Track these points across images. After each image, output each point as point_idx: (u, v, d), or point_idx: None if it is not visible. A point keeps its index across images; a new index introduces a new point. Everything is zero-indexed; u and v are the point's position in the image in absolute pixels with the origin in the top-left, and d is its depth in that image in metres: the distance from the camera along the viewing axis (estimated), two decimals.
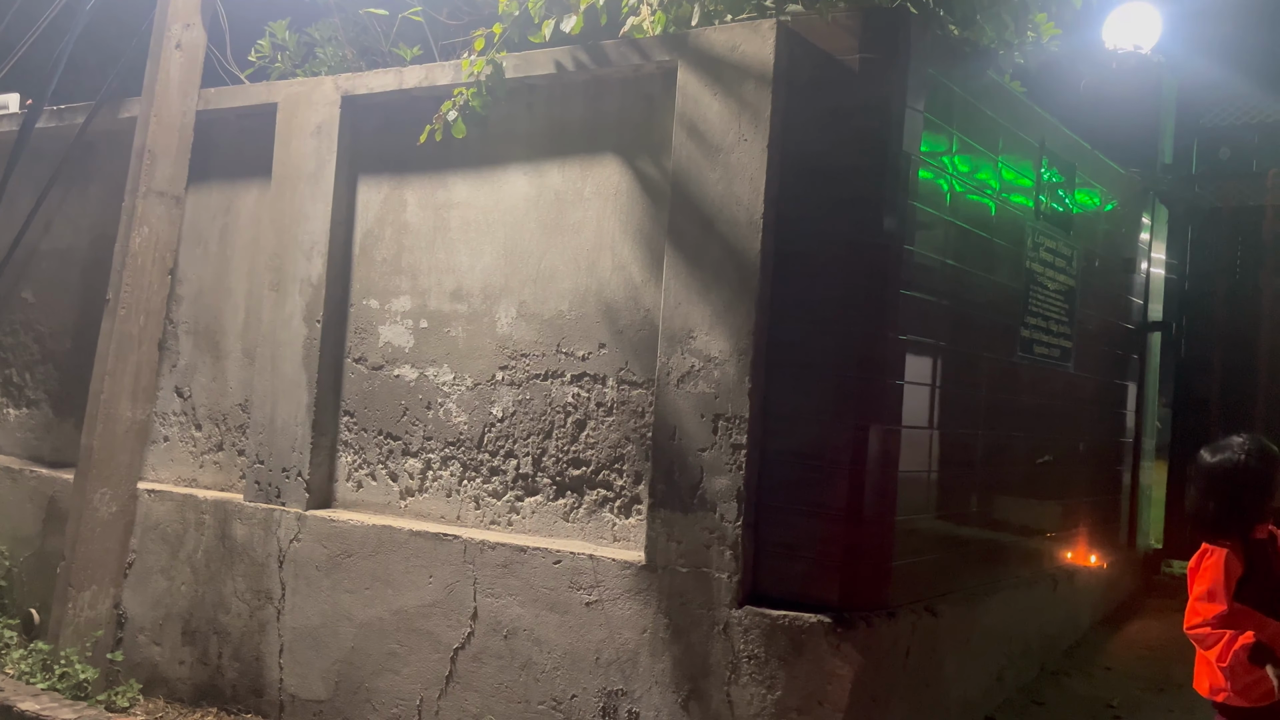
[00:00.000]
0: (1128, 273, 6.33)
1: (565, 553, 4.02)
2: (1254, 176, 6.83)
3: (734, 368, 3.73)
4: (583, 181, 4.24)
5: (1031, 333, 4.89)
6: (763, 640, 3.60)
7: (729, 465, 3.72)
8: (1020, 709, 4.53)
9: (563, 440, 4.22)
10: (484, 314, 4.45)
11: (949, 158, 4.10)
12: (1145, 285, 6.67)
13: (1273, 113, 6.93)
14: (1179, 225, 7.15)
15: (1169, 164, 7.08)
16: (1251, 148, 6.94)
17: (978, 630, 4.38)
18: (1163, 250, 7.04)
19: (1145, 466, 6.92)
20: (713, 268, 3.80)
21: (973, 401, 4.42)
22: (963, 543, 4.39)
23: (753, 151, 3.74)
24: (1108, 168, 5.91)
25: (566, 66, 4.21)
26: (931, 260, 4.00)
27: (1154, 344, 6.91)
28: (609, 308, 4.14)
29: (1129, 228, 6.38)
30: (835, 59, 3.72)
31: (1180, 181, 6.99)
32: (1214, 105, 7.11)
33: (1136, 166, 6.49)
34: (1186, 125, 7.16)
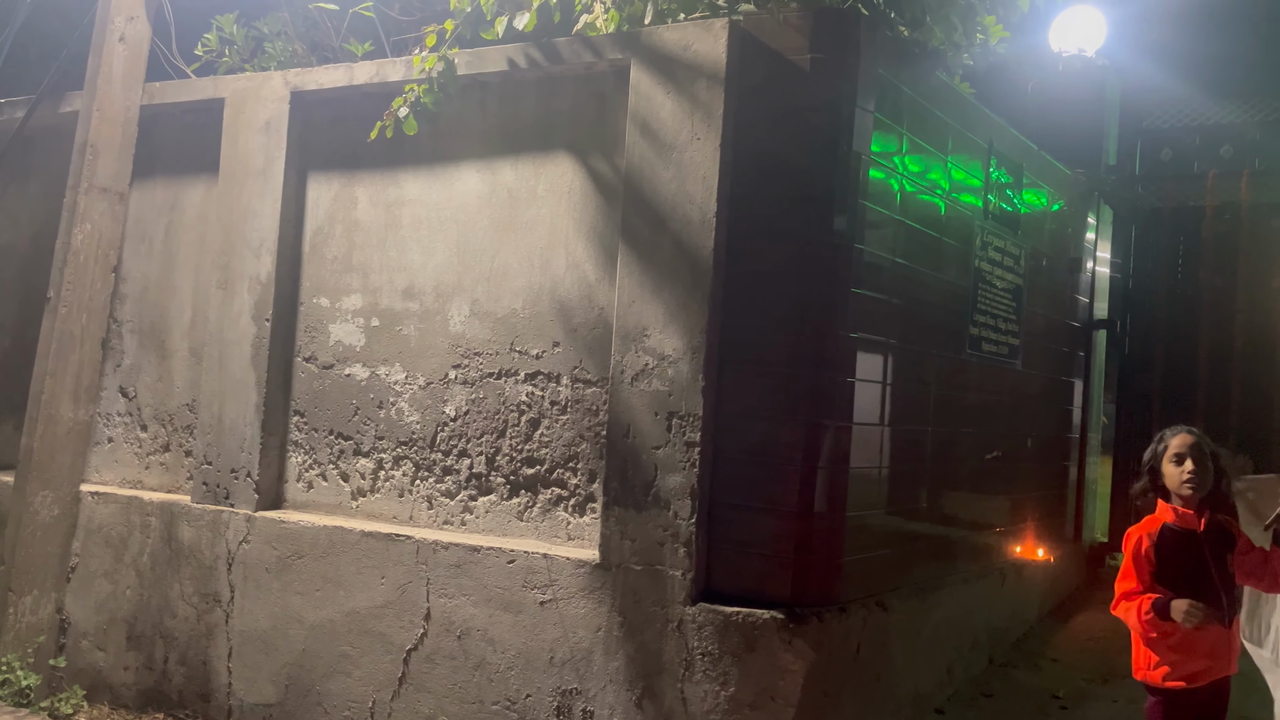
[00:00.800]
0: (1073, 271, 6.45)
1: (519, 552, 4.00)
2: (1195, 178, 6.99)
3: (687, 366, 3.75)
4: (536, 179, 4.23)
5: (980, 330, 4.97)
6: (716, 637, 3.62)
7: (683, 463, 3.73)
8: (969, 701, 4.60)
9: (516, 439, 4.20)
10: (436, 312, 4.42)
11: (899, 157, 4.15)
12: (1091, 284, 6.80)
13: (1212, 115, 7.11)
14: (1123, 225, 7.30)
15: (1113, 165, 7.23)
16: (1192, 149, 7.10)
17: (928, 624, 4.44)
18: (1107, 249, 7.18)
19: (1091, 461, 7.06)
20: (666, 266, 3.81)
21: (922, 398, 4.48)
22: (913, 538, 4.45)
23: (705, 150, 3.76)
24: (1054, 168, 6.01)
25: (519, 64, 4.19)
26: (882, 259, 4.05)
27: (1099, 341, 7.05)
28: (563, 306, 4.13)
29: (1075, 227, 6.50)
30: (786, 59, 3.74)
31: (1124, 182, 7.14)
32: (1156, 108, 7.27)
33: (1082, 167, 6.62)
34: (1130, 127, 7.32)
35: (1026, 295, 5.52)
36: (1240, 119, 7.03)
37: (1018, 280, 5.40)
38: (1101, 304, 7.04)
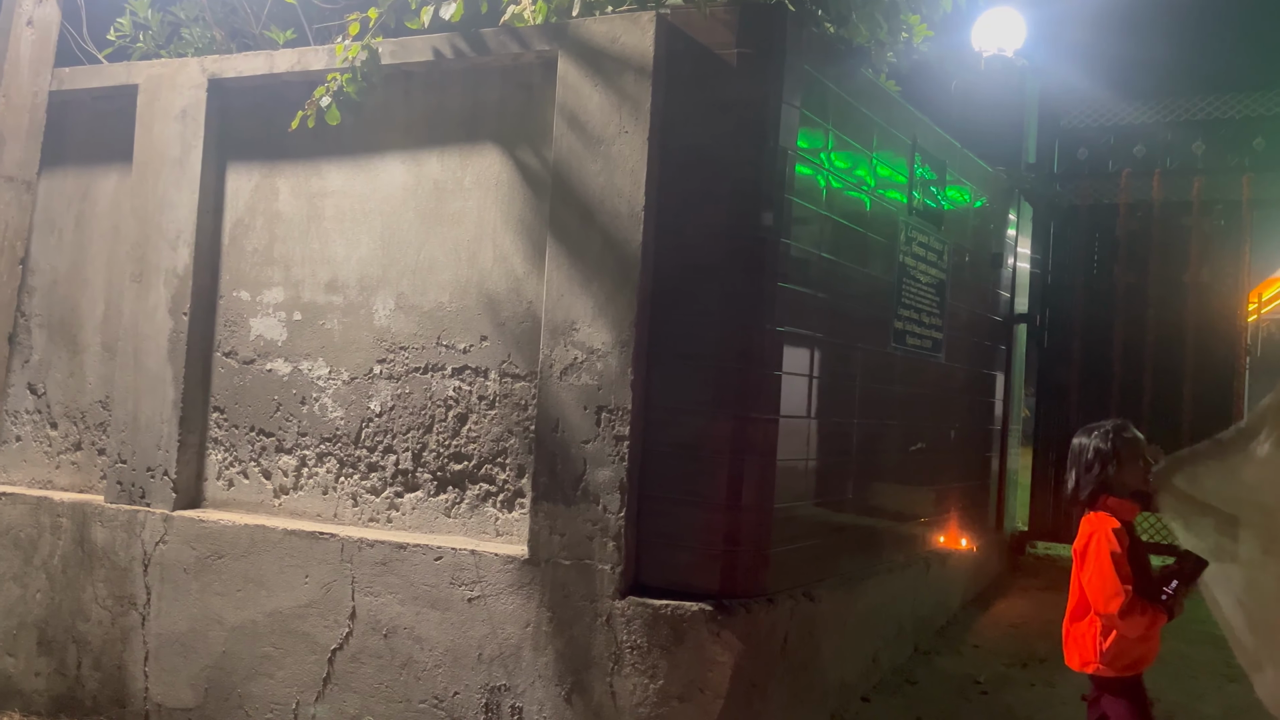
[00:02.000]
0: (995, 267, 6.61)
1: (446, 549, 3.96)
2: (1109, 176, 7.22)
3: (616, 359, 3.74)
4: (463, 171, 4.17)
5: (904, 324, 5.05)
6: (645, 630, 3.62)
7: (612, 457, 3.73)
8: (894, 689, 4.68)
9: (444, 435, 4.15)
10: (361, 306, 4.34)
11: (825, 154, 4.20)
12: (1012, 279, 6.97)
13: (1126, 116, 7.35)
14: (1042, 221, 7.50)
15: (1032, 163, 7.42)
16: (1107, 149, 7.34)
17: (854, 614, 4.51)
18: (1028, 245, 7.38)
19: (1012, 452, 7.25)
20: (595, 259, 3.79)
21: (848, 391, 4.54)
22: (840, 529, 4.51)
23: (633, 144, 3.75)
24: (976, 166, 6.15)
25: (445, 54, 4.14)
26: (808, 254, 4.09)
27: (1020, 335, 7.24)
28: (491, 299, 4.09)
29: (996, 224, 6.65)
30: (714, 53, 3.75)
31: (1042, 180, 7.33)
32: (1073, 108, 7.49)
33: (1003, 165, 6.78)
34: (1048, 126, 7.53)
35: (949, 290, 5.63)
36: (1152, 119, 7.27)
37: (941, 275, 5.51)
38: (1022, 299, 7.23)
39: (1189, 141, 7.12)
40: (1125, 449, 3.11)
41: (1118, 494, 3.09)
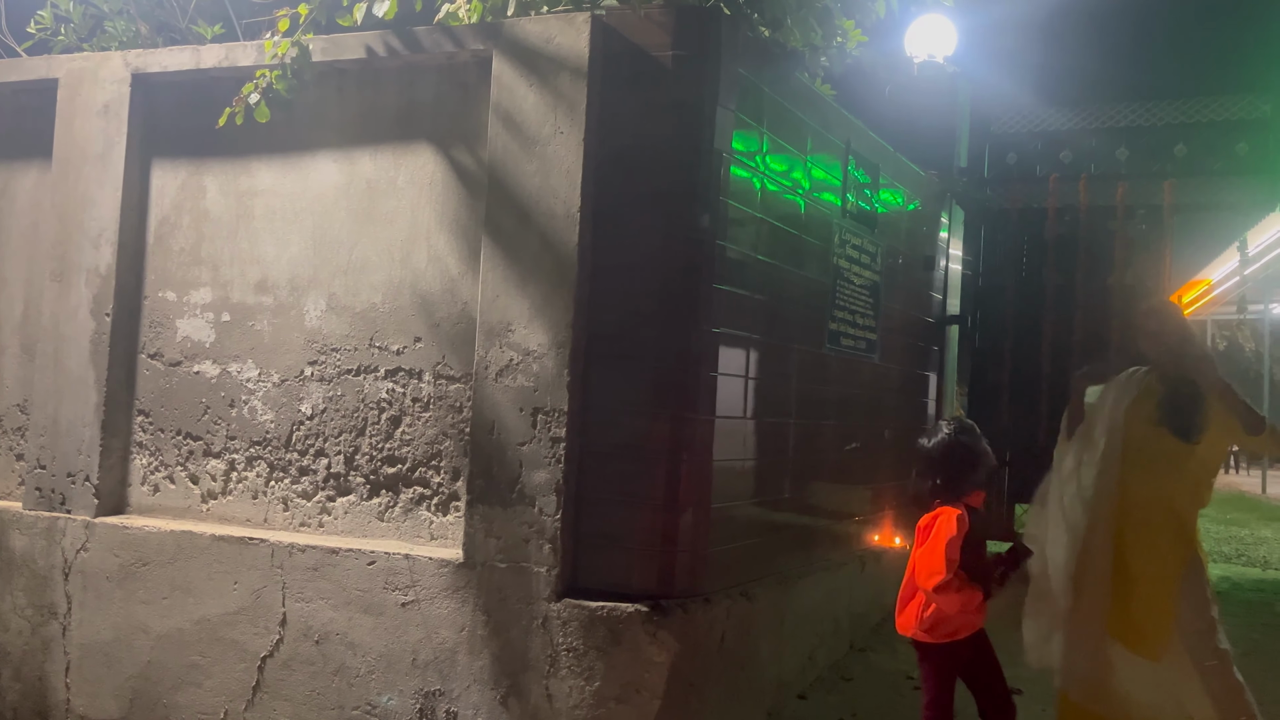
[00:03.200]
0: (928, 269, 6.72)
1: (380, 553, 3.90)
2: (1038, 181, 7.40)
3: (553, 361, 3.72)
4: (396, 170, 4.12)
5: (839, 325, 5.12)
6: (581, 632, 3.61)
7: (548, 459, 3.71)
8: (831, 686, 4.73)
9: (377, 437, 4.09)
10: (291, 306, 4.26)
11: (760, 156, 4.23)
12: (944, 281, 7.10)
13: (1053, 122, 7.53)
14: (973, 225, 7.66)
15: (964, 167, 7.57)
16: (1035, 154, 7.51)
17: (791, 612, 4.55)
18: (960, 248, 7.52)
19: None
20: (531, 260, 3.77)
21: (784, 391, 4.58)
22: (776, 528, 4.55)
23: (569, 144, 3.74)
24: (909, 170, 6.25)
25: (378, 51, 4.08)
26: (744, 255, 4.11)
27: (952, 336, 7.38)
28: (425, 300, 4.05)
29: (929, 226, 6.77)
30: (649, 55, 3.76)
31: (973, 184, 7.49)
32: (1003, 113, 7.66)
33: (935, 169, 6.90)
34: (979, 131, 7.69)
35: (883, 292, 5.71)
36: (1078, 126, 7.47)
37: (875, 277, 5.59)
38: (954, 300, 7.36)
39: (1113, 148, 7.33)
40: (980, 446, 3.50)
41: (974, 484, 3.44)
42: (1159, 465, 3.54)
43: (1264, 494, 14.43)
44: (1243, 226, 8.01)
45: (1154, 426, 3.56)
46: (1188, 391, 3.53)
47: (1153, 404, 3.60)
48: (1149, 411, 3.59)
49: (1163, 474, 3.54)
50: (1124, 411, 3.65)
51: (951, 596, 3.27)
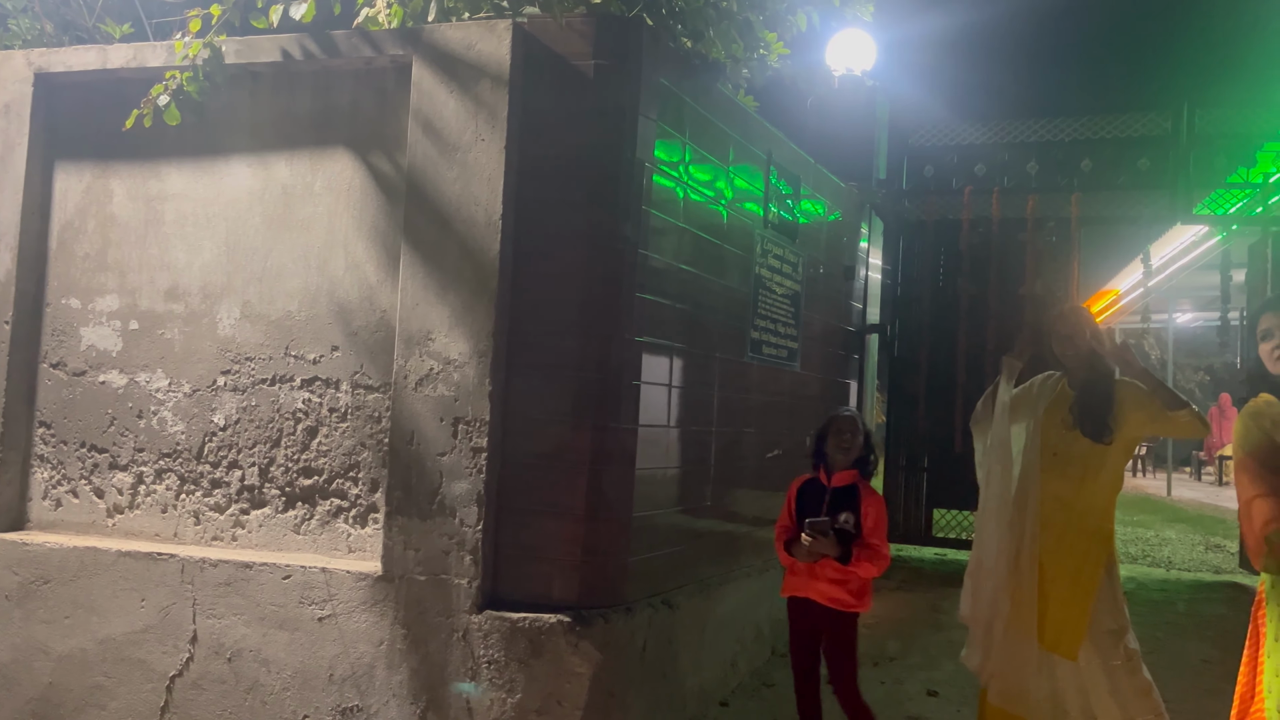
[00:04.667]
0: (848, 279, 6.84)
1: (295, 567, 3.81)
2: (953, 193, 7.59)
3: (474, 370, 3.69)
4: (313, 175, 4.04)
5: (761, 334, 5.17)
6: (503, 644, 3.58)
7: (469, 469, 3.67)
8: (752, 692, 4.77)
9: (292, 449, 4.00)
10: (203, 314, 4.14)
11: (682, 166, 4.26)
12: (864, 290, 7.24)
13: (968, 136, 7.75)
14: (892, 235, 7.83)
15: (883, 179, 7.74)
16: (951, 167, 7.71)
17: (713, 619, 4.58)
18: (879, 258, 7.68)
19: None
20: (451, 268, 3.73)
21: (706, 400, 4.61)
22: (699, 535, 4.57)
23: (490, 151, 3.71)
24: (830, 181, 6.35)
25: (294, 55, 4.00)
26: (667, 264, 4.13)
27: (872, 344, 7.52)
28: (342, 308, 3.98)
29: (849, 237, 6.89)
30: (571, 63, 3.76)
31: (892, 196, 7.66)
32: (920, 127, 7.85)
33: (855, 181, 7.04)
34: (897, 145, 7.87)
35: (804, 301, 5.80)
36: (991, 140, 7.69)
37: (796, 287, 5.67)
38: (874, 309, 7.51)
39: (1024, 162, 7.56)
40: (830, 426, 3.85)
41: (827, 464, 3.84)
42: (1074, 468, 3.62)
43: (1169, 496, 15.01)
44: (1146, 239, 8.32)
45: (1068, 430, 3.65)
46: (1099, 394, 3.62)
47: (1065, 408, 3.69)
48: (1062, 415, 3.69)
49: (1078, 477, 3.62)
50: (1040, 416, 3.75)
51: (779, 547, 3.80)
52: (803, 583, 3.74)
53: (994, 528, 3.74)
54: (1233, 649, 5.61)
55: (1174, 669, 5.13)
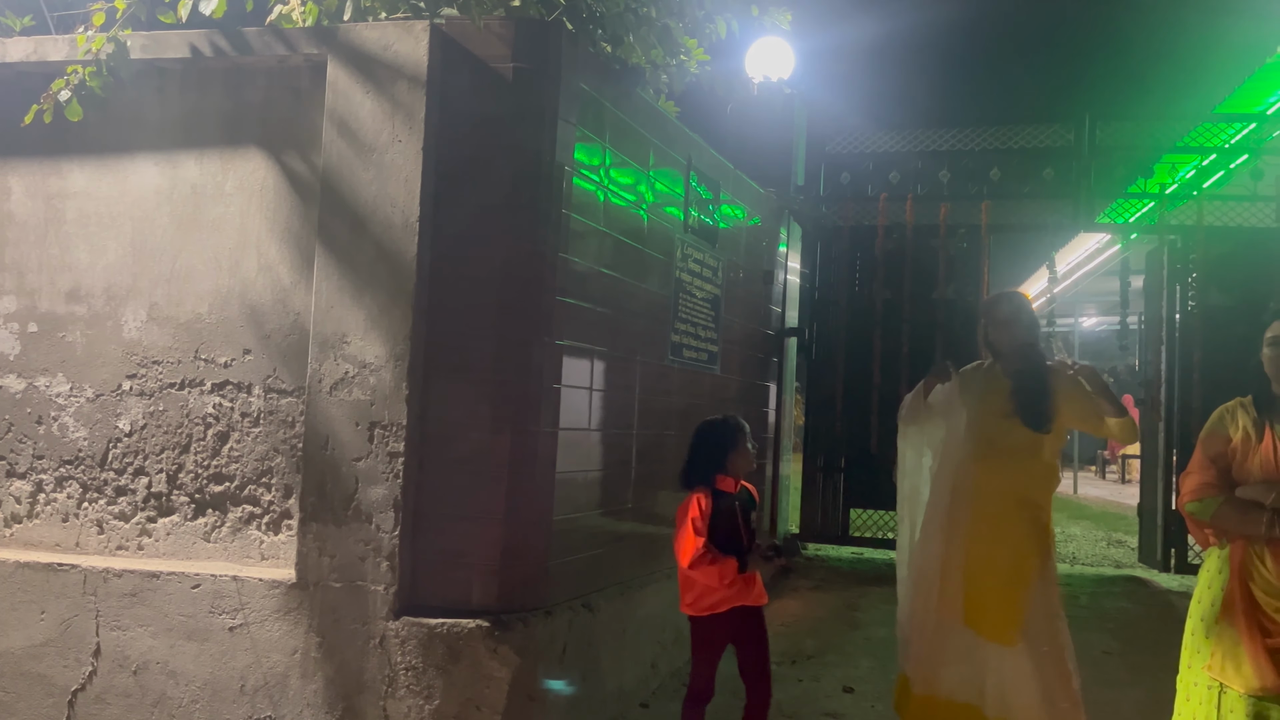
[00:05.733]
0: (767, 283, 6.94)
1: (205, 575, 3.72)
2: (869, 200, 7.76)
3: (390, 374, 3.65)
4: (224, 175, 3.95)
5: (681, 338, 5.22)
6: (420, 650, 3.54)
7: (386, 474, 3.63)
8: (672, 693, 4.79)
9: (202, 454, 3.90)
10: (108, 317, 4.02)
11: (602, 170, 4.28)
12: (783, 294, 7.35)
13: (883, 144, 7.93)
14: (810, 241, 7.97)
15: (801, 185, 7.87)
16: (867, 174, 7.89)
17: (633, 621, 4.60)
18: (798, 262, 7.81)
19: (784, 459, 7.63)
20: (367, 270, 3.69)
21: (627, 403, 4.63)
22: (620, 538, 4.59)
23: (407, 153, 3.68)
24: (749, 187, 6.44)
25: (204, 51, 3.91)
26: (587, 268, 4.15)
27: (790, 348, 7.64)
28: (254, 311, 3.89)
29: (768, 242, 7.00)
30: (490, 66, 3.75)
31: (810, 202, 7.79)
32: (836, 134, 8.01)
33: (774, 187, 7.14)
34: (815, 151, 8.01)
35: (724, 305, 5.87)
36: (906, 148, 7.89)
37: (716, 290, 5.73)
38: (792, 313, 7.63)
39: (937, 170, 7.77)
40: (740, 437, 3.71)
41: (720, 470, 3.68)
42: (1013, 457, 3.61)
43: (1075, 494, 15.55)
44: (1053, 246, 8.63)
45: (1005, 419, 3.63)
46: (1037, 382, 3.61)
47: (1003, 396, 3.67)
48: (999, 404, 3.67)
49: (1017, 465, 3.62)
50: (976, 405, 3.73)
51: (707, 569, 3.51)
52: (740, 592, 3.65)
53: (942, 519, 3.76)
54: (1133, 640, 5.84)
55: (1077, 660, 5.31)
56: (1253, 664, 2.73)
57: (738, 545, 3.61)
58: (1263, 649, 2.71)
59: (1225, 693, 2.80)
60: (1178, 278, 7.40)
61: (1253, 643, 2.75)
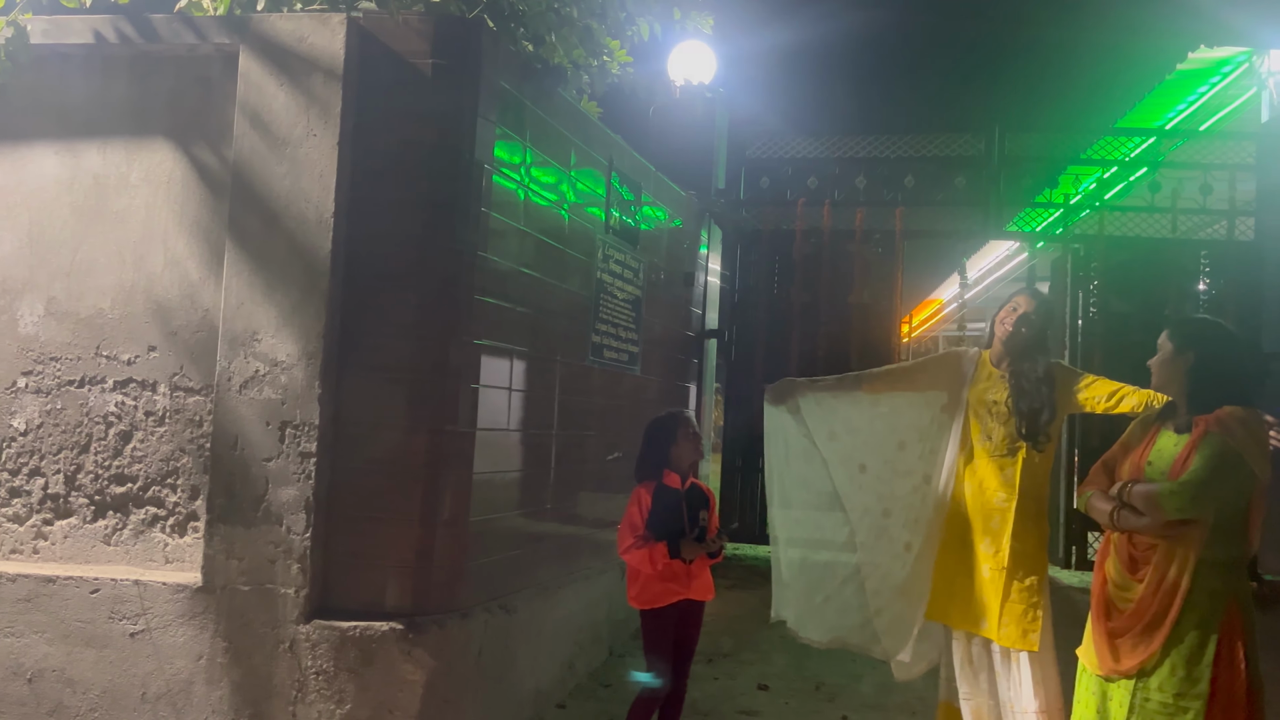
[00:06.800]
0: (687, 285, 6.99)
1: (105, 580, 3.59)
2: (788, 204, 7.87)
3: (303, 372, 3.57)
4: (129, 166, 3.83)
5: (602, 338, 5.22)
6: (332, 654, 3.48)
7: (297, 475, 3.55)
8: (590, 693, 4.80)
9: (104, 455, 3.77)
10: (2, 311, 3.85)
11: (523, 169, 4.26)
12: (703, 296, 7.41)
13: (802, 149, 8.05)
14: (730, 244, 8.04)
15: (721, 189, 7.94)
16: (786, 179, 7.99)
17: (550, 622, 4.58)
18: (719, 265, 7.87)
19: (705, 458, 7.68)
20: (279, 266, 3.61)
21: (547, 403, 4.62)
22: (538, 538, 4.57)
23: (323, 148, 3.61)
24: (670, 189, 6.48)
25: (108, 38, 3.78)
26: (507, 267, 4.12)
27: (710, 349, 7.70)
28: (161, 306, 3.78)
29: (689, 244, 7.05)
30: (409, 62, 3.70)
31: (730, 205, 7.87)
32: (757, 139, 8.11)
33: (695, 189, 7.19)
34: (736, 155, 8.09)
35: (645, 306, 5.89)
36: (824, 154, 8.03)
37: (637, 292, 5.75)
38: (713, 314, 7.70)
39: (854, 176, 7.92)
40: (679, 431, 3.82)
41: (665, 464, 3.79)
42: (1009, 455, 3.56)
43: None
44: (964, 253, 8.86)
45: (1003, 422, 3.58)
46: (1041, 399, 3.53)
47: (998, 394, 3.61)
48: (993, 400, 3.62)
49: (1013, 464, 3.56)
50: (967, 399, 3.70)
51: (637, 553, 3.64)
52: (682, 586, 3.73)
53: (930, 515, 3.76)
54: None
55: None
56: (1097, 647, 2.94)
57: (674, 540, 3.68)
58: (1104, 633, 2.88)
59: (1084, 672, 3.01)
60: (1081, 285, 7.67)
61: (1099, 627, 2.95)
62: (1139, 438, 3.06)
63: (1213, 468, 2.75)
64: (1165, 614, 2.79)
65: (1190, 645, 2.77)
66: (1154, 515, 2.80)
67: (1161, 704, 2.77)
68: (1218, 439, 2.78)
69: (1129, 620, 2.87)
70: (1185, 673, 2.76)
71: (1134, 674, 2.83)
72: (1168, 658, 2.78)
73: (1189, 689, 2.75)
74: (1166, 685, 2.77)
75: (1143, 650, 2.82)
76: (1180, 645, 2.78)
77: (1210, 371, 2.91)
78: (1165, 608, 2.79)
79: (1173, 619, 2.77)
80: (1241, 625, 2.79)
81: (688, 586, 3.74)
